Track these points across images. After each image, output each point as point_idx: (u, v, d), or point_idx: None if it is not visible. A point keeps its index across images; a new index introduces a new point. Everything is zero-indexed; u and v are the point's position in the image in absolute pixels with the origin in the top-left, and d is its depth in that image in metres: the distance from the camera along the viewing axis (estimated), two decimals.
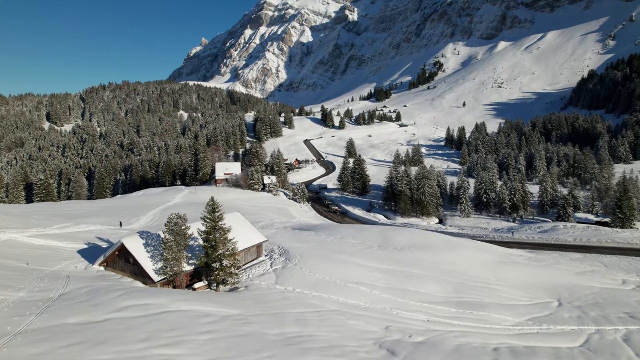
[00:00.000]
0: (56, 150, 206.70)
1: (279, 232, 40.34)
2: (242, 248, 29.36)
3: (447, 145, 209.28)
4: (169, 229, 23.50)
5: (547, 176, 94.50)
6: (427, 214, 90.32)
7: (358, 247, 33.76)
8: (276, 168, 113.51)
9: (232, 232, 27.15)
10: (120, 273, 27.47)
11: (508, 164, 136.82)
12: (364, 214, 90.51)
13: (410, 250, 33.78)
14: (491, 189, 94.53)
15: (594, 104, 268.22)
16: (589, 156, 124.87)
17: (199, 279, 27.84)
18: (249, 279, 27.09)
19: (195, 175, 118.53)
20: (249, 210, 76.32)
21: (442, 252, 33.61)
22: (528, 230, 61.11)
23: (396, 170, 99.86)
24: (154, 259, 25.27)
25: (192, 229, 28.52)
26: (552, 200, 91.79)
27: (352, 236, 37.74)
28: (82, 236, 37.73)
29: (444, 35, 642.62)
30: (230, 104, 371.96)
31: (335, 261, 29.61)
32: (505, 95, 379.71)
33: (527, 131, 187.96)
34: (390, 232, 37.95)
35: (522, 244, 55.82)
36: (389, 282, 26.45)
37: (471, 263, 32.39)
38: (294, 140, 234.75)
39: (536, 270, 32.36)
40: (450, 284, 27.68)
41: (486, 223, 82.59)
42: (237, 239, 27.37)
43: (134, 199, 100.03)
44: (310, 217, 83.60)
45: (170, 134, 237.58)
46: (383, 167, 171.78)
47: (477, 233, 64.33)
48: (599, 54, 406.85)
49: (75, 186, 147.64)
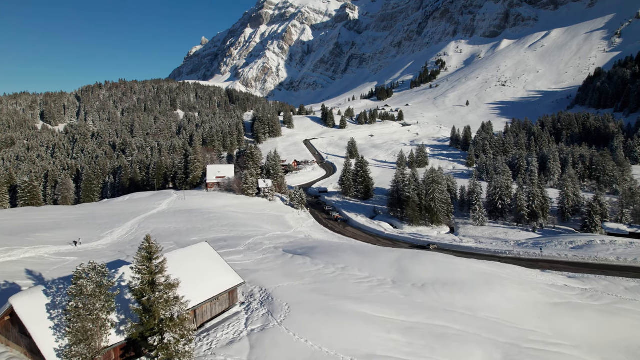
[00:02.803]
0: (45, 150, 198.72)
1: (266, 258, 32.26)
2: (206, 298, 21.13)
3: (452, 145, 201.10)
4: (76, 290, 15.14)
5: (568, 180, 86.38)
6: (437, 222, 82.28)
7: (366, 285, 25.61)
8: (272, 170, 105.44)
9: (194, 275, 19.48)
10: (15, 347, 18.32)
11: (519, 166, 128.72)
12: (367, 222, 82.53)
13: (435, 288, 25.62)
14: (506, 194, 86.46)
15: (601, 103, 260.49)
16: (607, 157, 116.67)
17: (138, 353, 18.89)
18: (211, 350, 18.78)
19: (185, 178, 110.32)
20: (239, 219, 68.45)
21: (476, 291, 25.56)
22: (558, 245, 53.09)
23: (402, 174, 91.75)
24: (60, 331, 16.52)
25: None
26: (574, 206, 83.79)
27: (358, 266, 29.51)
28: (6, 269, 29.28)
29: (446, 33, 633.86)
30: (229, 103, 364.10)
31: (336, 313, 21.27)
32: (509, 93, 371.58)
33: (536, 131, 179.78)
34: (406, 261, 29.88)
35: (554, 262, 47.86)
36: (413, 349, 18.39)
37: (517, 307, 24.43)
38: (293, 140, 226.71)
39: (604, 316, 24.37)
40: (498, 347, 19.58)
41: (503, 233, 74.61)
42: (198, 288, 19.53)
43: (117, 204, 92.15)
44: (308, 226, 75.66)
45: (164, 133, 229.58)
46: (386, 168, 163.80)
47: (499, 248, 56.32)
48: (604, 52, 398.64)
49: (62, 189, 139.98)
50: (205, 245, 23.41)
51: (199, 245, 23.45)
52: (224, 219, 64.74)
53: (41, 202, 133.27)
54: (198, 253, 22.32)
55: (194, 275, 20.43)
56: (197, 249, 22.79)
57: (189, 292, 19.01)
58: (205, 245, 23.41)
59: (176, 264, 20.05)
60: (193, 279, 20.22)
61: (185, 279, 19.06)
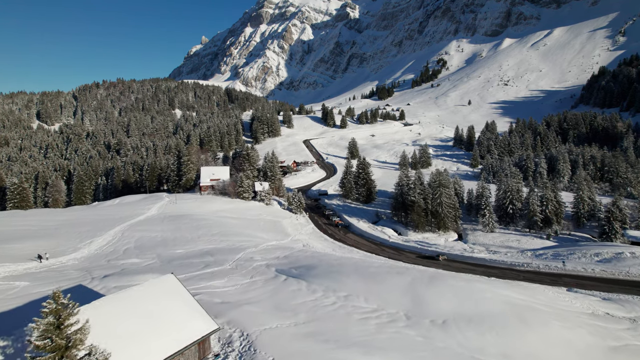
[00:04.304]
0: (38, 150, 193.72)
1: (254, 282, 27.17)
2: (166, 356, 15.53)
3: (455, 145, 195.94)
4: None
5: (583, 182, 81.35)
6: (444, 228, 77.24)
7: (374, 321, 20.63)
8: (269, 172, 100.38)
9: (150, 325, 14.53)
10: None
11: (526, 167, 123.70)
12: (369, 228, 77.54)
13: (459, 327, 20.71)
14: (517, 198, 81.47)
15: (606, 102, 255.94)
16: (620, 158, 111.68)
17: None
18: None
19: (178, 180, 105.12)
20: (232, 227, 63.48)
21: (510, 330, 20.55)
22: (582, 257, 48.10)
23: (406, 176, 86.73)
24: None
25: None
26: (589, 211, 78.81)
27: (364, 294, 24.33)
28: None
29: (447, 32, 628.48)
30: (228, 102, 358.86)
31: None
32: (511, 93, 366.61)
33: (541, 130, 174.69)
34: (420, 287, 24.83)
35: (580, 278, 42.90)
36: None
37: (566, 354, 19.46)
38: (292, 140, 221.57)
39: None
40: None
41: (516, 241, 69.58)
42: (153, 344, 15.08)
43: (105, 208, 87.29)
44: (307, 233, 70.69)
45: (160, 133, 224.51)
46: (388, 169, 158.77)
47: (515, 260, 51.35)
48: (608, 50, 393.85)
49: (52, 191, 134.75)
50: (171, 279, 18.22)
51: (162, 279, 18.27)
52: (214, 227, 59.78)
53: (31, 205, 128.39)
54: (159, 291, 17.20)
55: (149, 325, 15.36)
56: (159, 285, 17.64)
57: (140, 350, 14.11)
58: (171, 279, 18.22)
59: (123, 312, 15.07)
60: (147, 331, 15.19)
61: (136, 332, 14.23)
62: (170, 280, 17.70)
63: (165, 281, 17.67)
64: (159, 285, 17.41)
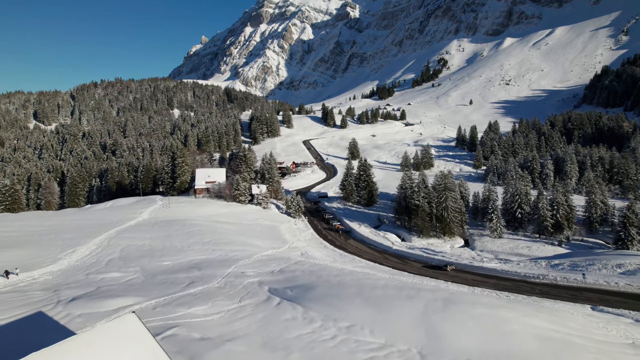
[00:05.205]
0: (33, 151, 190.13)
1: (242, 308, 23.53)
2: None
3: (457, 145, 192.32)
4: None
5: (595, 185, 77.80)
6: (450, 233, 73.67)
7: None
8: (267, 175, 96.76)
9: None
10: None
11: (532, 169, 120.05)
12: (371, 234, 73.97)
13: None
14: (525, 201, 77.91)
15: (610, 101, 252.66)
16: (630, 159, 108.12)
17: None
18: None
19: (172, 183, 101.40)
20: (226, 234, 59.89)
21: None
22: (603, 269, 44.53)
23: (410, 179, 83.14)
24: None
25: None
26: (602, 215, 75.27)
27: (369, 324, 20.66)
28: None
29: (448, 31, 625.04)
30: (227, 102, 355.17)
31: None
32: (513, 92, 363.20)
33: (546, 131, 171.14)
34: (435, 316, 21.18)
35: (603, 293, 39.30)
36: None
37: None
38: (292, 140, 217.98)
39: None
40: None
41: (526, 247, 65.99)
42: None
43: (96, 212, 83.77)
44: (306, 239, 67.11)
45: (157, 133, 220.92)
46: (390, 170, 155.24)
47: (529, 270, 47.76)
48: (611, 50, 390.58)
49: (45, 193, 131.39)
50: (131, 321, 13.93)
51: (120, 321, 13.95)
52: (207, 234, 56.18)
53: (23, 207, 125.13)
54: (114, 340, 13.19)
55: None
56: (114, 330, 13.41)
57: None
58: (131, 321, 13.93)
59: None
60: None
61: None
62: (131, 325, 13.62)
63: (123, 323, 13.79)
64: (115, 330, 13.51)
